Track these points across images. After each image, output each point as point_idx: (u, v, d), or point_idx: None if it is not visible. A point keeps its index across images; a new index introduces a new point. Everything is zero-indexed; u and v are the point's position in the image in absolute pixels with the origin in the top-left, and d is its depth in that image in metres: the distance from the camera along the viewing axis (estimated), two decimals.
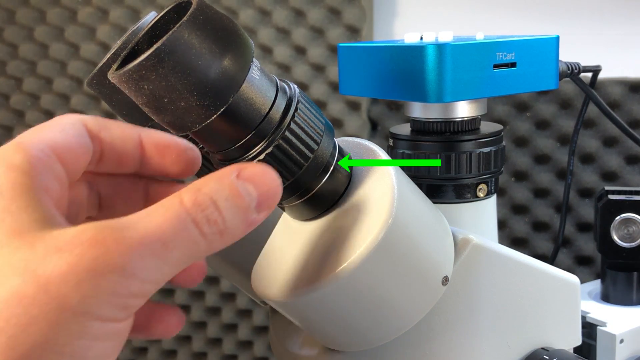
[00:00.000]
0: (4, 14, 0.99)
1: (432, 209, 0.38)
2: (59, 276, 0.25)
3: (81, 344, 0.25)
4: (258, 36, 0.93)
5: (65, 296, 0.25)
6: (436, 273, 0.36)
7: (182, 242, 0.27)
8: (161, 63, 0.27)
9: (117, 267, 0.25)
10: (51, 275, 0.25)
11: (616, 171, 0.86)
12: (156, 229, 0.26)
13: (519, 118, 0.88)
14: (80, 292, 0.25)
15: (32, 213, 0.27)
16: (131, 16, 0.96)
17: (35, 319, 0.25)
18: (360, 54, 0.46)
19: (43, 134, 0.30)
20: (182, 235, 0.27)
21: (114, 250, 0.25)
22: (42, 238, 0.26)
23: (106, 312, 0.25)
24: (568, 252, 0.89)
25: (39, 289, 0.25)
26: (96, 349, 0.26)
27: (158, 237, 0.26)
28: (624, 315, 0.61)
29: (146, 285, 0.26)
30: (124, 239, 0.26)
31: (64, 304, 0.25)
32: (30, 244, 0.26)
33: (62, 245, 0.25)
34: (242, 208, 0.28)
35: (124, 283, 0.25)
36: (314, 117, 0.33)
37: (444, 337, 0.39)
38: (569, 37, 0.66)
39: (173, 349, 1.07)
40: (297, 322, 0.37)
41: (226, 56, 0.28)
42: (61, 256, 0.25)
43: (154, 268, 0.26)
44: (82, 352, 0.25)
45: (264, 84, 0.31)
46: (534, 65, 0.45)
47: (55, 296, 0.25)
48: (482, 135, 0.45)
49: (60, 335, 0.25)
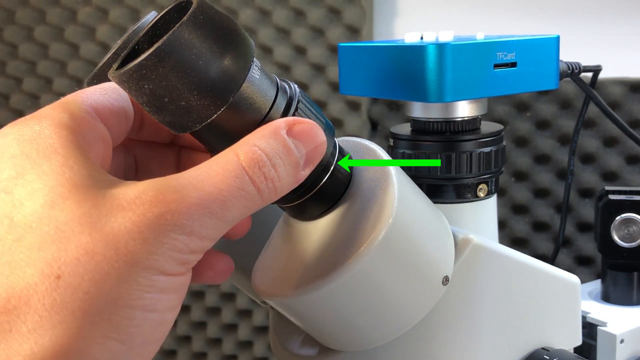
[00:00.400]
0: (4, 14, 0.99)
1: (433, 209, 0.38)
2: (126, 234, 0.26)
3: (151, 297, 0.26)
4: (258, 36, 0.93)
5: (133, 253, 0.26)
6: (436, 273, 0.36)
7: (239, 200, 0.28)
8: (161, 63, 0.27)
9: (178, 225, 0.26)
10: (118, 232, 0.26)
11: (616, 171, 0.86)
12: (214, 188, 0.27)
13: (519, 118, 0.88)
14: (146, 249, 0.26)
15: (89, 170, 0.28)
16: (131, 16, 0.96)
17: (107, 275, 0.25)
18: (360, 53, 0.46)
19: (86, 95, 0.31)
20: (238, 194, 0.28)
21: (175, 209, 0.26)
22: (104, 196, 0.27)
23: (170, 267, 0.26)
24: (568, 252, 0.89)
25: (108, 246, 0.26)
26: (164, 301, 0.27)
27: (216, 196, 0.27)
28: (624, 315, 0.61)
29: (204, 242, 0.27)
30: (185, 198, 0.27)
31: (133, 260, 0.26)
32: (92, 200, 0.27)
33: (125, 205, 0.26)
34: (293, 165, 0.30)
35: (185, 240, 0.27)
36: (315, 117, 0.33)
37: (444, 337, 0.39)
38: (570, 37, 0.66)
39: (173, 349, 1.07)
40: (297, 321, 0.37)
41: (226, 55, 0.28)
42: (125, 214, 0.26)
43: (212, 226, 0.27)
44: (152, 304, 0.26)
45: (265, 84, 0.31)
46: (535, 65, 0.45)
47: (124, 253, 0.26)
48: (482, 135, 0.45)
49: (131, 290, 0.26)
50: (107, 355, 0.26)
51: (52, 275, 0.25)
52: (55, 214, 0.26)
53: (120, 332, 0.26)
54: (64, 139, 0.28)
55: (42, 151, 0.28)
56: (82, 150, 0.29)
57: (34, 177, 0.27)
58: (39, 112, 0.30)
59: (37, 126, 0.29)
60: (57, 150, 0.28)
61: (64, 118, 0.29)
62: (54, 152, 0.28)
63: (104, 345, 0.25)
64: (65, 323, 0.25)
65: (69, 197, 0.26)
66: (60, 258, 0.25)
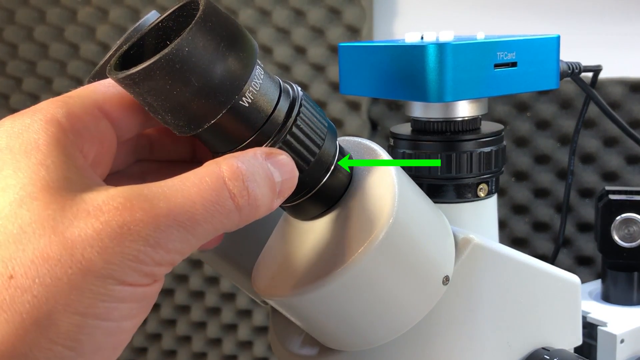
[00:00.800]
0: (4, 14, 0.99)
1: (433, 209, 0.38)
2: (85, 241, 0.25)
3: (105, 305, 0.26)
4: (258, 36, 0.93)
5: (89, 260, 0.25)
6: (437, 273, 0.36)
7: (213, 215, 0.27)
8: (167, 68, 0.27)
9: (142, 236, 0.26)
10: (77, 238, 0.25)
11: (617, 171, 0.86)
12: (186, 200, 0.27)
13: (519, 118, 0.88)
14: (103, 258, 0.25)
15: (66, 171, 0.27)
16: (131, 16, 0.96)
17: (59, 280, 0.25)
18: (360, 53, 0.46)
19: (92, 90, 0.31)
20: (214, 208, 0.27)
21: (141, 218, 0.26)
22: (73, 199, 0.26)
23: (130, 277, 0.26)
24: (568, 252, 0.89)
25: (65, 251, 0.25)
26: (121, 310, 0.26)
27: (187, 209, 0.26)
28: (624, 315, 0.61)
29: (171, 255, 0.27)
30: (153, 209, 0.26)
31: (88, 268, 0.25)
32: (60, 204, 0.26)
33: (91, 210, 0.26)
34: (271, 189, 0.29)
35: (149, 252, 0.26)
36: (317, 120, 0.33)
37: (444, 337, 0.39)
38: (570, 36, 0.66)
39: (173, 349, 1.07)
40: (298, 321, 0.37)
41: (230, 58, 0.28)
42: (88, 221, 0.26)
43: (180, 239, 0.27)
44: (105, 313, 0.26)
45: (268, 86, 0.31)
46: (535, 64, 0.45)
47: (79, 260, 0.25)
48: (482, 135, 0.45)
49: (84, 297, 0.25)
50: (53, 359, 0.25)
51: (5, 275, 0.25)
52: (22, 213, 0.26)
53: (68, 338, 0.25)
54: (49, 135, 0.28)
55: (25, 146, 0.27)
56: (66, 149, 0.28)
57: (9, 173, 0.27)
58: (36, 105, 0.30)
59: (29, 119, 0.28)
60: (39, 147, 0.28)
61: (58, 113, 0.29)
62: (36, 149, 0.27)
63: (50, 350, 0.25)
64: (12, 324, 0.25)
65: (38, 198, 0.26)
66: (16, 258, 0.25)
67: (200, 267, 1.02)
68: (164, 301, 1.05)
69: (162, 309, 1.05)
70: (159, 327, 1.06)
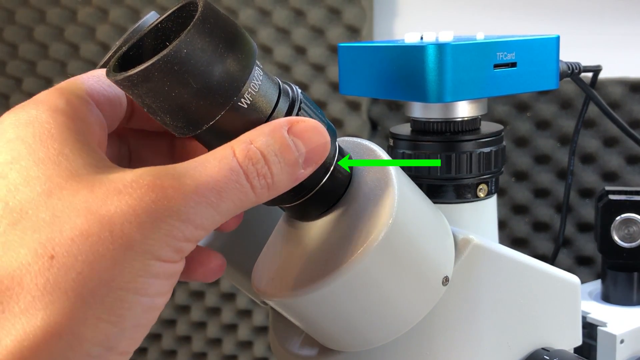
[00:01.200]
0: (4, 14, 0.99)
1: (433, 209, 0.38)
2: (122, 216, 0.26)
3: (143, 281, 0.26)
4: (258, 36, 0.93)
5: (129, 236, 0.26)
6: (436, 273, 0.36)
7: (233, 193, 0.28)
8: (166, 69, 0.27)
9: (175, 211, 0.26)
10: (114, 215, 0.26)
11: (616, 171, 0.86)
12: (210, 178, 0.27)
13: (519, 118, 0.88)
14: (141, 233, 0.26)
15: (85, 157, 0.28)
16: (131, 16, 0.96)
17: (102, 257, 0.25)
18: (360, 53, 0.46)
19: (80, 81, 0.32)
20: (233, 187, 0.28)
21: (172, 195, 0.26)
22: (100, 181, 0.27)
23: (164, 253, 0.26)
24: (568, 252, 0.89)
25: (103, 228, 0.26)
26: (156, 286, 0.27)
27: (212, 186, 0.27)
28: (624, 316, 0.61)
29: (198, 231, 0.27)
30: (181, 186, 0.27)
31: (128, 243, 0.26)
32: (89, 187, 0.26)
33: (122, 188, 0.26)
34: (290, 163, 0.29)
35: (180, 227, 0.26)
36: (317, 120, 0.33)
37: (444, 337, 0.39)
38: (570, 37, 0.66)
39: (173, 349, 1.07)
40: (297, 321, 0.37)
41: (229, 59, 0.28)
42: (121, 198, 0.26)
43: (207, 215, 0.27)
44: (144, 288, 0.26)
45: (267, 86, 0.31)
46: (535, 65, 0.45)
47: (119, 235, 0.26)
48: (482, 135, 0.45)
49: (125, 273, 0.26)
50: (99, 336, 0.26)
51: (45, 256, 0.25)
52: (52, 202, 0.26)
53: (112, 313, 0.26)
54: (60, 124, 0.28)
55: (39, 136, 0.28)
56: (79, 136, 0.29)
57: (30, 164, 0.27)
58: (35, 98, 0.30)
59: (34, 110, 0.29)
60: (54, 136, 0.28)
61: (60, 103, 0.29)
62: (50, 138, 0.28)
63: (95, 326, 0.25)
64: (58, 303, 0.25)
65: (65, 187, 0.26)
66: (54, 239, 0.25)
67: None
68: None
69: (162, 309, 1.05)
70: (159, 327, 1.06)
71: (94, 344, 0.26)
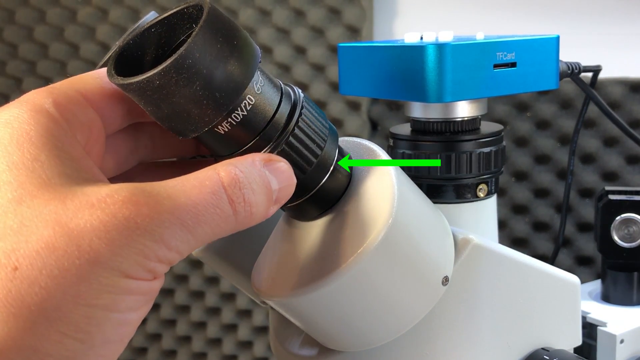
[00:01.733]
0: (4, 14, 0.99)
1: (433, 209, 0.38)
2: (91, 231, 0.25)
3: (113, 297, 0.25)
4: (258, 36, 0.93)
5: (97, 251, 0.25)
6: (436, 273, 0.36)
7: (212, 218, 0.27)
8: (173, 75, 0.27)
9: (147, 230, 0.25)
10: (83, 229, 0.25)
11: (616, 171, 0.86)
12: (189, 200, 0.27)
13: (519, 118, 0.88)
14: (110, 249, 0.25)
15: (62, 165, 0.27)
16: (131, 16, 0.96)
17: (67, 272, 0.25)
18: (360, 53, 0.46)
19: (75, 80, 0.31)
20: (213, 211, 0.27)
21: (146, 214, 0.26)
22: (74, 193, 0.26)
23: (134, 271, 0.26)
24: (568, 252, 0.89)
25: (71, 242, 0.25)
26: (127, 302, 0.26)
27: (190, 208, 0.26)
28: (624, 316, 0.61)
29: (172, 254, 0.26)
30: (157, 205, 0.26)
31: (95, 259, 0.25)
32: (61, 198, 0.26)
33: (95, 202, 0.25)
34: (268, 196, 0.29)
35: (153, 247, 0.26)
36: (318, 123, 0.33)
37: (444, 337, 0.39)
38: (570, 36, 0.66)
39: (173, 349, 1.07)
40: (297, 321, 0.37)
41: (232, 62, 0.28)
42: (93, 212, 0.25)
43: (181, 238, 0.26)
44: (113, 304, 0.26)
45: (269, 89, 0.31)
46: (534, 65, 0.45)
47: (87, 250, 0.25)
48: (482, 135, 0.45)
49: (92, 289, 0.25)
50: (64, 353, 0.25)
51: (9, 266, 0.24)
52: (22, 210, 0.25)
53: (79, 330, 0.25)
54: (40, 126, 0.27)
55: (16, 138, 0.27)
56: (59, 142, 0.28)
57: (3, 167, 0.26)
58: (22, 97, 0.29)
59: (16, 110, 0.28)
60: (32, 139, 0.27)
61: (46, 103, 0.28)
62: (28, 141, 0.27)
63: (60, 343, 0.25)
64: (20, 316, 0.24)
65: (37, 195, 0.26)
66: (19, 249, 0.25)
67: (200, 267, 1.02)
68: (164, 301, 1.05)
69: (162, 309, 1.05)
70: (159, 327, 1.06)
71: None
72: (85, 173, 0.28)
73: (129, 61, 0.30)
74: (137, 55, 0.30)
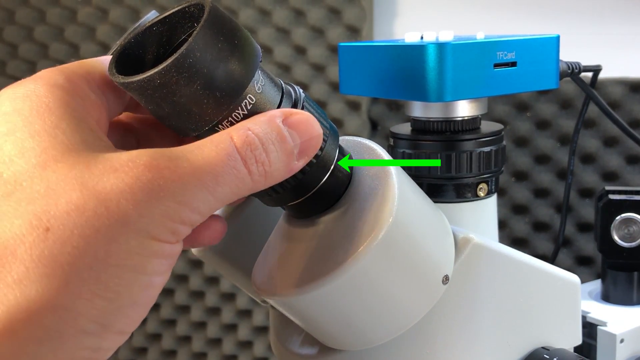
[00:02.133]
0: (4, 14, 0.99)
1: (433, 208, 0.38)
2: (118, 193, 0.25)
3: (140, 259, 0.26)
4: (258, 36, 0.93)
5: (125, 213, 0.25)
6: (436, 272, 0.36)
7: (230, 178, 0.28)
8: (174, 75, 0.27)
9: (171, 192, 0.26)
10: (110, 192, 0.25)
11: (616, 171, 0.86)
12: (207, 163, 0.27)
13: (519, 118, 0.88)
14: (138, 211, 0.25)
15: (82, 133, 0.27)
16: (131, 16, 0.96)
17: (98, 232, 0.25)
18: (360, 53, 0.46)
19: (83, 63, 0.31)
20: (230, 172, 0.28)
21: (169, 176, 0.26)
22: (96, 158, 0.26)
23: (160, 232, 0.26)
24: (568, 252, 0.89)
25: (99, 204, 0.25)
26: (153, 265, 0.26)
27: (209, 170, 0.27)
28: (624, 315, 0.61)
29: (194, 215, 0.27)
30: (178, 168, 0.26)
31: (124, 220, 0.25)
32: (84, 163, 0.26)
33: (118, 167, 0.26)
34: (286, 153, 0.29)
35: (177, 208, 0.26)
36: (319, 121, 0.33)
37: (444, 336, 0.39)
38: (570, 36, 0.66)
39: (173, 349, 1.07)
40: (297, 320, 0.37)
41: (233, 61, 0.28)
42: (118, 176, 0.26)
43: (203, 199, 0.27)
44: (141, 266, 0.26)
45: (270, 88, 0.31)
46: (535, 64, 0.45)
47: (115, 212, 0.25)
48: (482, 134, 0.45)
49: (121, 250, 0.25)
50: (93, 312, 0.25)
51: (40, 227, 0.25)
52: (47, 175, 0.26)
53: (108, 290, 0.25)
54: (58, 98, 0.28)
55: (36, 108, 0.27)
56: (76, 112, 0.28)
57: (25, 136, 0.27)
58: (35, 74, 0.30)
59: (32, 85, 0.28)
60: (51, 109, 0.27)
61: (60, 79, 0.29)
62: (48, 111, 0.27)
63: (90, 301, 0.25)
64: (53, 276, 0.24)
65: (61, 160, 0.26)
66: (49, 211, 0.25)
67: (200, 267, 1.02)
68: (164, 301, 1.05)
69: (162, 309, 1.05)
70: (159, 327, 1.06)
71: (89, 320, 0.25)
72: (104, 142, 0.28)
73: (130, 60, 0.30)
74: (138, 54, 0.30)
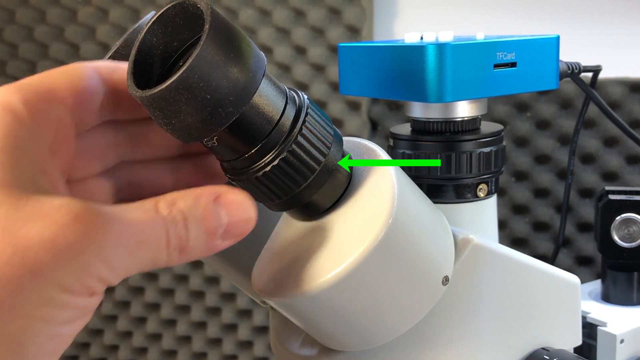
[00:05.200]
0: (4, 14, 0.99)
1: (433, 209, 0.38)
2: (39, 243, 0.25)
3: (49, 310, 0.25)
4: (258, 36, 0.93)
5: (41, 264, 0.25)
6: (436, 273, 0.36)
7: (151, 247, 0.28)
8: (179, 88, 0.27)
9: (95, 248, 0.26)
10: (31, 240, 0.25)
11: (616, 171, 0.86)
12: (133, 226, 0.27)
13: (519, 118, 0.88)
14: (55, 263, 0.25)
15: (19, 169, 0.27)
16: (131, 16, 0.96)
17: (7, 281, 0.25)
18: (360, 53, 0.46)
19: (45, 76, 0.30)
20: (152, 241, 0.28)
21: (95, 233, 0.26)
22: (27, 200, 0.26)
23: (74, 286, 0.26)
24: (568, 252, 0.89)
25: (16, 252, 0.25)
26: (63, 315, 0.26)
27: (133, 234, 0.27)
28: (624, 316, 0.61)
29: (111, 275, 0.27)
30: (106, 225, 0.26)
31: (38, 271, 0.25)
32: (14, 204, 0.26)
33: (48, 213, 0.26)
34: (208, 232, 0.29)
35: (97, 265, 0.26)
36: (323, 128, 0.33)
37: (444, 337, 0.39)
38: (570, 36, 0.66)
39: (173, 349, 1.07)
40: (297, 321, 0.37)
41: (238, 68, 0.28)
42: (45, 223, 0.25)
43: (122, 261, 0.27)
44: (50, 317, 0.26)
45: (274, 94, 0.31)
46: (535, 65, 0.45)
47: (30, 262, 0.25)
48: (482, 135, 0.45)
49: (30, 300, 0.25)
50: None
51: None
52: None
53: (13, 342, 0.25)
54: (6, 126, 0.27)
55: None
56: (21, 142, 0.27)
57: None
58: None
59: None
60: None
61: (14, 100, 0.28)
62: None
63: None
64: None
65: None
66: None
67: (200, 267, 1.02)
68: (164, 301, 1.05)
69: (162, 309, 1.05)
70: (159, 327, 1.06)
71: None
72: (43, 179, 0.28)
73: (143, 68, 0.30)
74: (148, 61, 0.30)
